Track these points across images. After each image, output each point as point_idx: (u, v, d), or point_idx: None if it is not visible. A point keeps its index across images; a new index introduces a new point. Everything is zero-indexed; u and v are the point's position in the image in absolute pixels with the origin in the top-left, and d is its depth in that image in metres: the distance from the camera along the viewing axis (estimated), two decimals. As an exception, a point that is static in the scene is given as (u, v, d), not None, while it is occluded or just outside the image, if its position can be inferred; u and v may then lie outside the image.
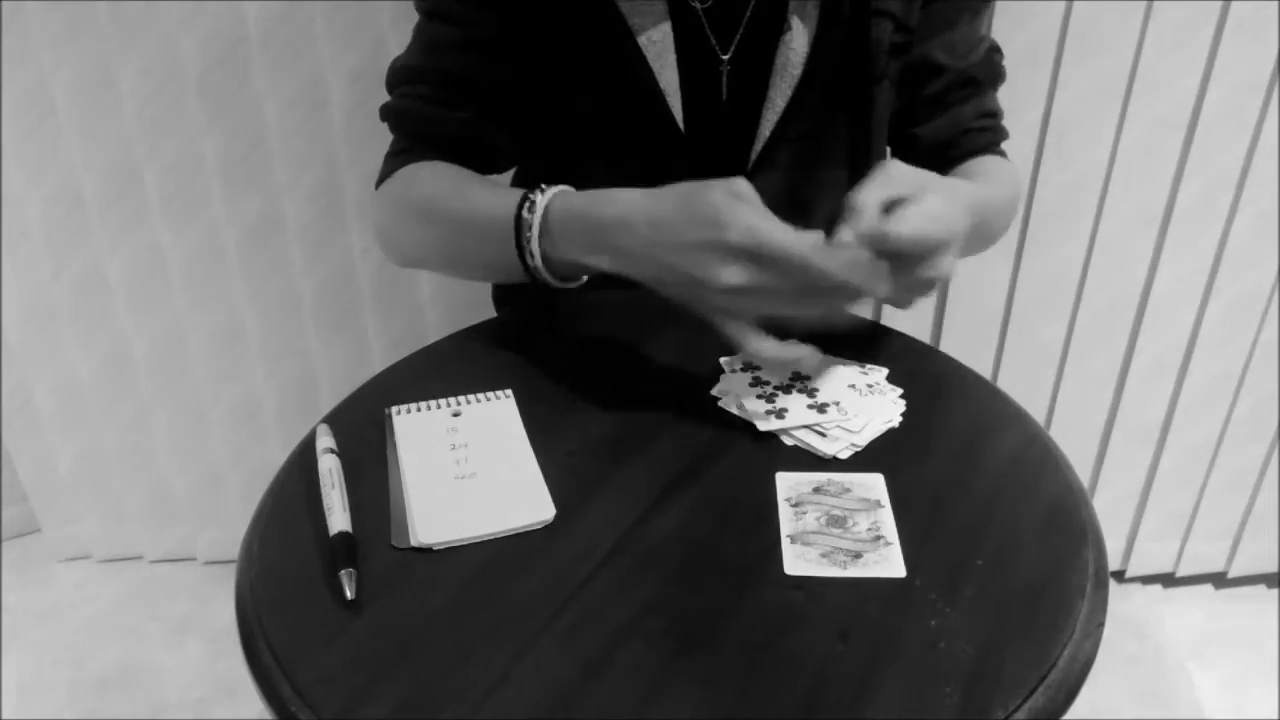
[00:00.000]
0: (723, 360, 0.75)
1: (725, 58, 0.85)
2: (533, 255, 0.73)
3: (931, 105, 0.91)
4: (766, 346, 0.65)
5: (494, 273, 0.84)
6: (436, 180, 0.84)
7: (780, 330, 0.67)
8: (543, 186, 0.73)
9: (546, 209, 0.72)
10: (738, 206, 0.63)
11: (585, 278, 0.77)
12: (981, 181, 0.87)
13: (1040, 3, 1.20)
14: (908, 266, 0.66)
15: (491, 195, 0.78)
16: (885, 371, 0.75)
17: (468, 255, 0.82)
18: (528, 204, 0.73)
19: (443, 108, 0.85)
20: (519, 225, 0.73)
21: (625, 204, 0.68)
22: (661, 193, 0.67)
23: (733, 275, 0.63)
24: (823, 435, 0.68)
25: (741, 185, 0.64)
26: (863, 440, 0.68)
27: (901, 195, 0.66)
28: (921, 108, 0.91)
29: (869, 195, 0.66)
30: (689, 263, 0.64)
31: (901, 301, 0.69)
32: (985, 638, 0.54)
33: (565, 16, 0.81)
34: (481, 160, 0.87)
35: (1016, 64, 0.95)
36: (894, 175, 0.68)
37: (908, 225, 0.64)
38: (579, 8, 0.81)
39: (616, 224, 0.68)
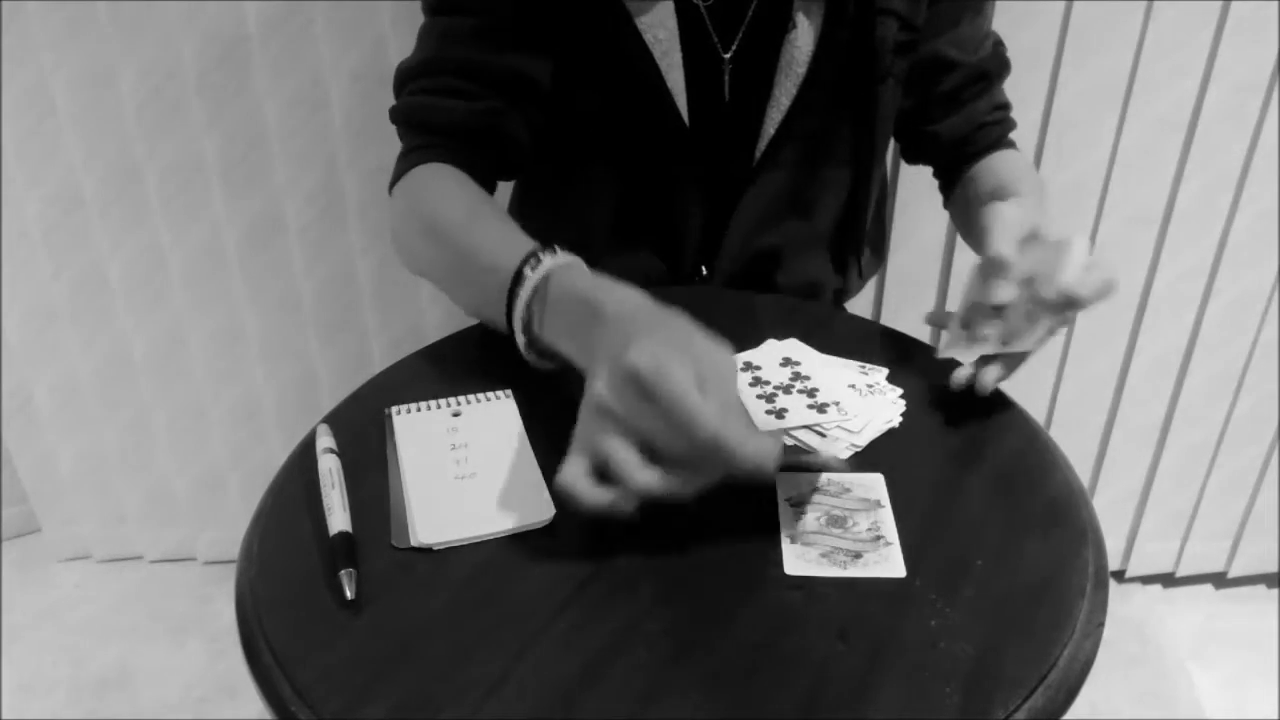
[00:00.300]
0: None
1: (727, 56, 0.85)
2: (516, 312, 0.68)
3: (946, 102, 0.92)
4: (580, 485, 0.56)
5: (478, 313, 0.77)
6: (447, 197, 0.80)
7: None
8: (555, 247, 0.68)
9: (548, 276, 0.67)
10: (711, 367, 0.56)
11: (550, 366, 0.70)
12: (1031, 194, 0.87)
13: (1040, 3, 1.20)
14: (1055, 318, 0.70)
15: (499, 238, 0.73)
16: (885, 371, 0.75)
17: (458, 290, 0.78)
18: (531, 261, 0.68)
19: (460, 98, 0.82)
20: (516, 279, 0.67)
21: (622, 303, 0.62)
22: (662, 317, 0.60)
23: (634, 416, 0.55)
24: (822, 435, 0.68)
25: (728, 360, 0.58)
26: (863, 440, 0.68)
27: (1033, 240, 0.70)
28: (936, 105, 0.92)
29: (1004, 247, 0.69)
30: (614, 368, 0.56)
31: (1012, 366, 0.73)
32: (985, 638, 0.54)
33: (573, 13, 0.81)
34: (499, 152, 0.84)
35: (1016, 64, 0.96)
36: (1018, 227, 0.71)
37: (1089, 287, 0.68)
38: (586, 5, 0.81)
39: (604, 316, 0.61)
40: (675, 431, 0.53)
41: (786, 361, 0.75)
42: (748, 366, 0.74)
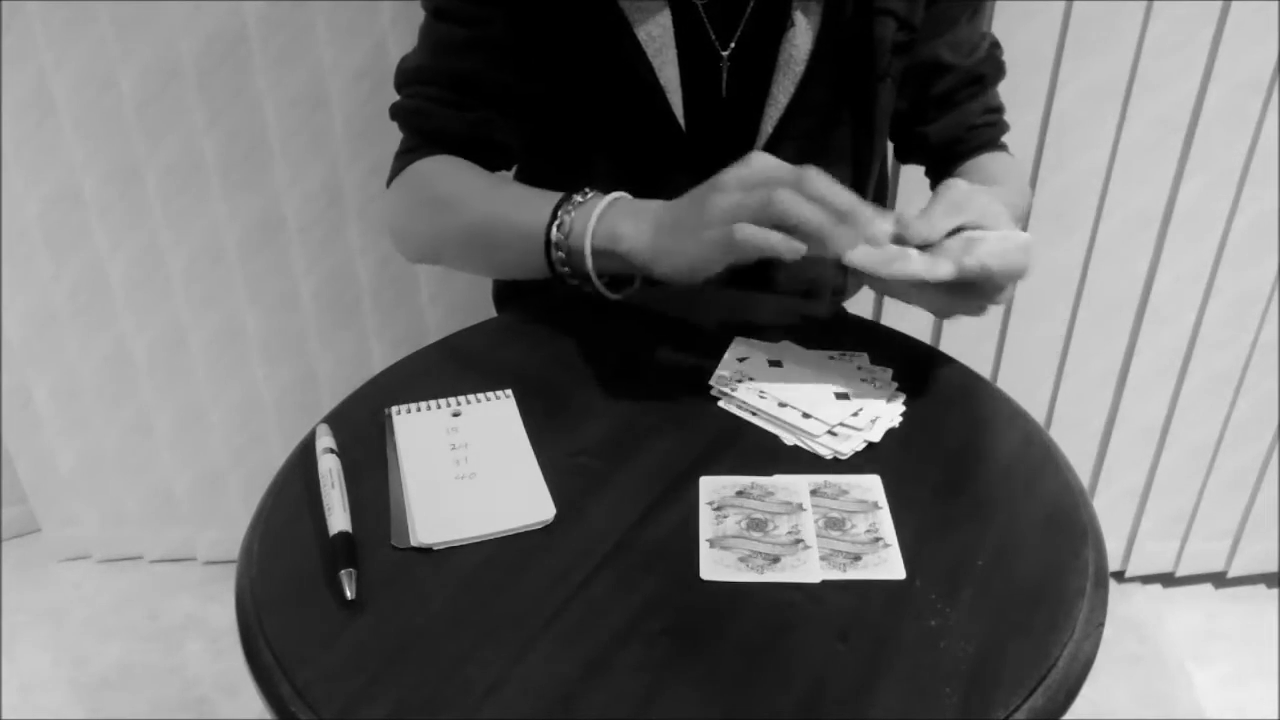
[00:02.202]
0: (713, 380, 0.74)
1: (725, 54, 0.85)
2: (564, 234, 0.75)
3: (939, 104, 0.92)
4: (778, 240, 0.65)
5: (513, 268, 0.84)
6: (455, 173, 0.84)
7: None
8: (586, 191, 0.77)
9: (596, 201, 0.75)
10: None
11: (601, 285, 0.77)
12: (1010, 189, 0.87)
13: (1040, 3, 1.20)
14: (981, 293, 0.67)
15: (521, 192, 0.80)
16: (890, 371, 0.75)
17: (483, 246, 0.83)
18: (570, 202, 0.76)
19: (452, 108, 0.85)
20: (565, 202, 0.76)
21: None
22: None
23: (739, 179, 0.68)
24: (834, 434, 0.68)
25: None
26: (876, 435, 0.68)
27: (969, 222, 0.67)
28: (929, 107, 0.92)
29: (939, 222, 0.67)
30: (709, 189, 0.69)
31: (945, 313, 0.70)
32: (985, 638, 0.54)
33: (567, 13, 0.81)
34: (490, 159, 0.88)
35: (1016, 64, 0.96)
36: (959, 201, 0.68)
37: (999, 259, 0.66)
38: (580, 4, 0.81)
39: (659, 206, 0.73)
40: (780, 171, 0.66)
41: (774, 363, 0.75)
42: (742, 377, 0.75)
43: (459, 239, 0.83)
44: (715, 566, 0.58)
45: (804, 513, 0.62)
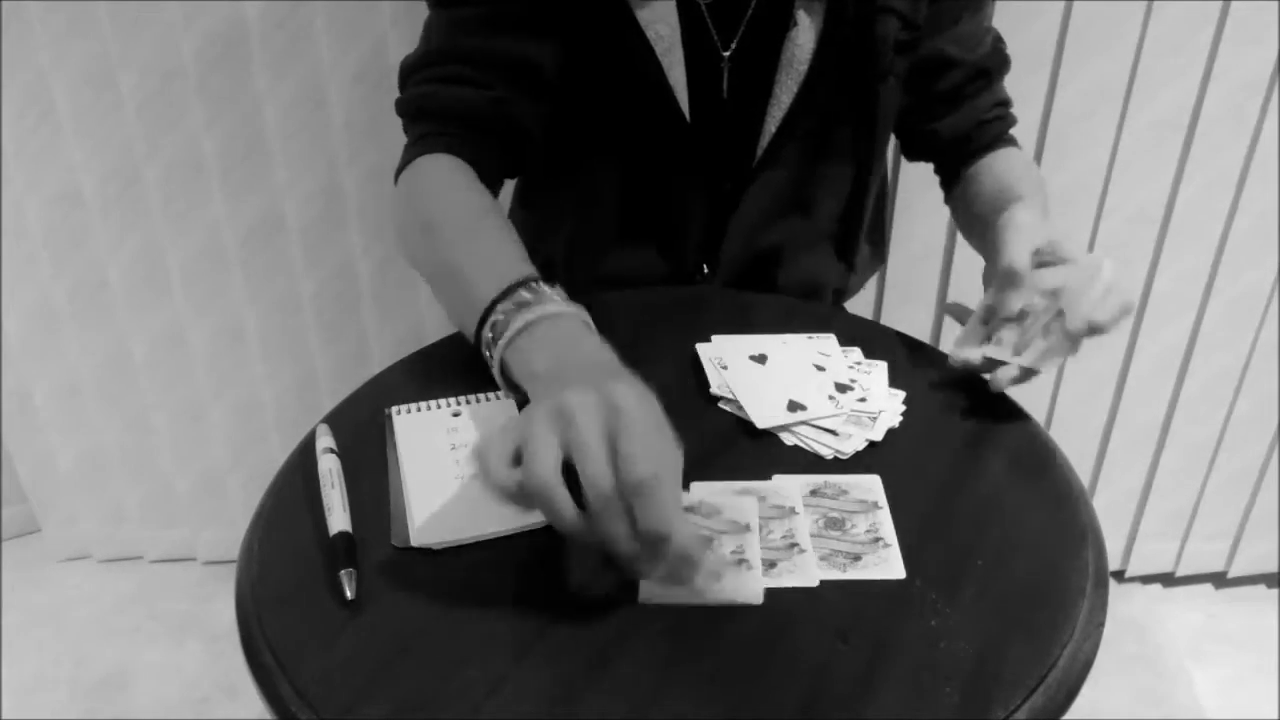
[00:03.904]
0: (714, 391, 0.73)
1: (726, 54, 0.85)
2: (493, 336, 0.66)
3: (947, 100, 0.92)
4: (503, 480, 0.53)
5: (454, 320, 0.76)
6: (448, 193, 0.79)
7: None
8: (535, 284, 0.67)
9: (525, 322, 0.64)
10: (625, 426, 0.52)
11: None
12: (1034, 194, 0.87)
13: (1040, 3, 1.20)
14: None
15: (490, 255, 0.72)
16: (884, 365, 0.75)
17: (444, 297, 0.76)
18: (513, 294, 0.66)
19: (469, 86, 0.82)
20: (506, 295, 0.66)
21: (585, 356, 0.62)
22: (618, 374, 0.58)
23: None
24: (835, 434, 0.68)
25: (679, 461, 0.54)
26: (879, 434, 0.68)
27: (1043, 251, 0.71)
28: (937, 103, 0.92)
29: (1018, 257, 0.71)
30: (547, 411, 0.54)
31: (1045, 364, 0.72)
32: (985, 638, 0.54)
33: (576, 11, 0.81)
34: (507, 141, 0.84)
35: (1016, 64, 0.96)
36: (1032, 237, 0.73)
37: (1102, 312, 0.69)
38: (590, 3, 0.81)
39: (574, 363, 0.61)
40: (628, 465, 0.50)
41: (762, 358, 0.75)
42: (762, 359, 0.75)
43: (428, 272, 0.78)
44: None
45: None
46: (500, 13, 0.81)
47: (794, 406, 0.70)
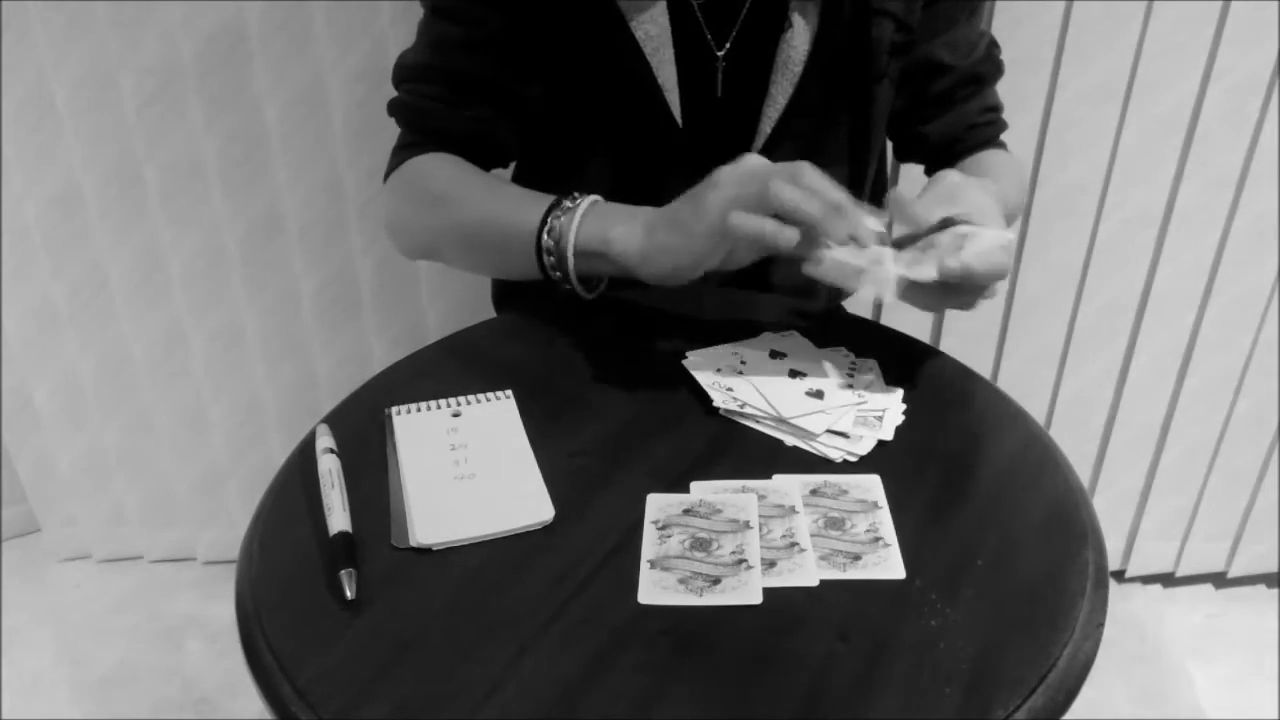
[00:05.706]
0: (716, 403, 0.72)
1: (720, 54, 0.85)
2: (554, 239, 0.76)
3: (937, 104, 0.92)
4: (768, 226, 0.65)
5: (505, 270, 0.85)
6: (452, 171, 0.85)
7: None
8: (575, 195, 0.77)
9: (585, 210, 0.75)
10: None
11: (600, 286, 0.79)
12: (1005, 184, 0.87)
13: (1040, 3, 1.20)
14: (965, 291, 0.68)
15: (514, 193, 0.81)
16: (873, 363, 0.75)
17: (476, 245, 0.83)
18: (560, 206, 0.77)
19: (451, 106, 0.86)
20: (555, 207, 0.76)
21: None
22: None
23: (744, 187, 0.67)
24: (845, 436, 0.68)
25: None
26: (888, 433, 0.68)
27: (959, 215, 0.68)
28: (927, 106, 0.92)
29: (930, 210, 0.68)
30: (704, 186, 0.70)
31: (932, 309, 0.71)
32: (985, 638, 0.54)
33: (565, 12, 0.82)
34: (487, 157, 0.88)
35: (1016, 64, 0.96)
36: (951, 192, 0.70)
37: (981, 260, 0.66)
38: (578, 3, 0.81)
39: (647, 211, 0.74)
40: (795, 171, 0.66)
41: (774, 354, 0.75)
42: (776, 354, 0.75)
43: (453, 237, 0.84)
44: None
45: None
46: (481, 36, 0.84)
47: (814, 394, 0.70)
